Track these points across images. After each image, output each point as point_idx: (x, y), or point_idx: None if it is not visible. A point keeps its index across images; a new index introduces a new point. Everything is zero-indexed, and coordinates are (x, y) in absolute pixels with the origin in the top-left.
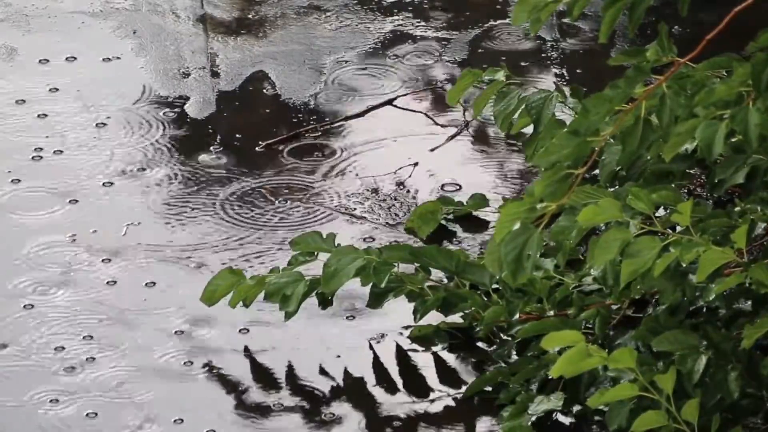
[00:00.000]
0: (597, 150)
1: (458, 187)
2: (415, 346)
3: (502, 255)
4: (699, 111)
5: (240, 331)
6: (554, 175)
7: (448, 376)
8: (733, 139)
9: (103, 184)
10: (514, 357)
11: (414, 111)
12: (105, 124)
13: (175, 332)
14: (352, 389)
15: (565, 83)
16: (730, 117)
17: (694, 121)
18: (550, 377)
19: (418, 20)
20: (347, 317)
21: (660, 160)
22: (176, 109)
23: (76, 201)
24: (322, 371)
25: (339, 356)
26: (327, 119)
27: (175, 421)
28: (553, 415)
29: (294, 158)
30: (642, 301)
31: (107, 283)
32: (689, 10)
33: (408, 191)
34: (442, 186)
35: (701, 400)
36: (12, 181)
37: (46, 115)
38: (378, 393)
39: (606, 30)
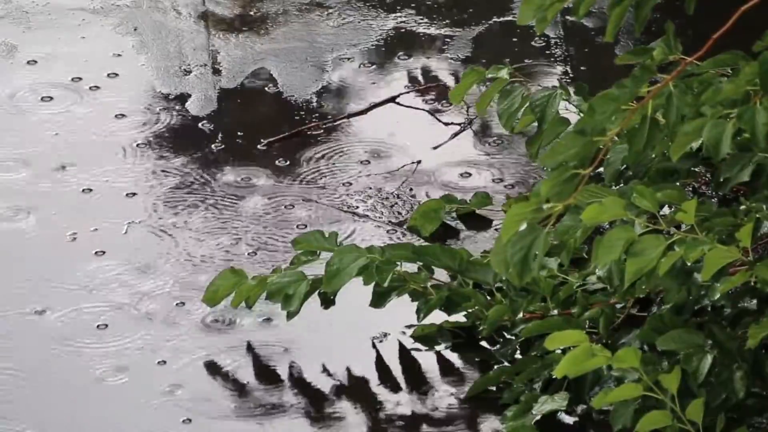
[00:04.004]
0: (604, 150)
1: (461, 186)
2: (418, 345)
3: (509, 256)
4: (706, 110)
5: (242, 330)
6: (560, 175)
7: (451, 375)
8: (738, 137)
9: (104, 182)
10: (518, 356)
11: (417, 109)
12: (106, 122)
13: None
14: (355, 388)
15: (569, 81)
16: (737, 116)
17: (700, 120)
18: (554, 377)
19: (421, 17)
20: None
21: (665, 158)
22: (177, 107)
23: (77, 200)
24: (325, 370)
25: (342, 356)
26: (329, 117)
27: (182, 421)
28: (557, 415)
29: (296, 156)
30: (646, 300)
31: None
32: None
33: (411, 189)
34: (445, 184)
35: (706, 399)
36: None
37: (45, 115)
38: (381, 392)
39: (612, 29)
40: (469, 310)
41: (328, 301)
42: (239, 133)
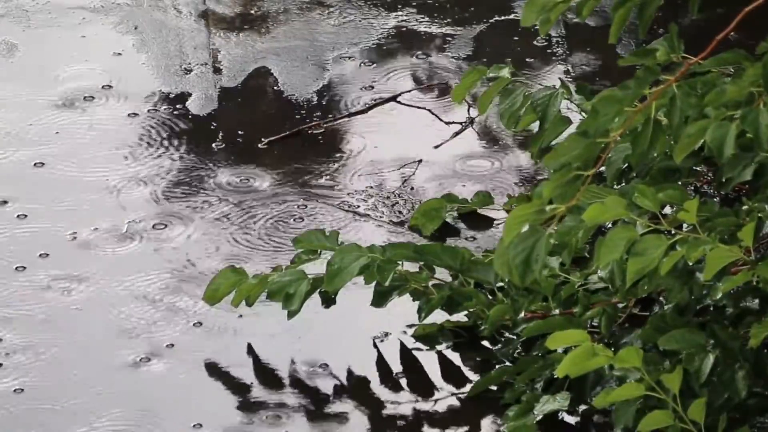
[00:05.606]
0: (607, 151)
1: (463, 185)
2: (419, 344)
3: (511, 258)
4: (709, 111)
5: (243, 329)
6: (563, 176)
7: (452, 375)
8: (740, 137)
9: (104, 181)
10: (519, 356)
11: (418, 107)
12: (106, 122)
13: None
14: (356, 388)
15: (570, 79)
16: (740, 117)
17: (704, 122)
18: (555, 376)
19: (422, 16)
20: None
21: (667, 157)
22: (178, 106)
23: (77, 199)
24: (326, 370)
25: (342, 356)
26: (330, 116)
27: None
28: (559, 414)
29: (296, 155)
30: (648, 300)
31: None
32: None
33: (412, 188)
34: (447, 183)
35: (708, 399)
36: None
37: (46, 114)
38: (382, 392)
39: (616, 31)
40: (471, 310)
41: (328, 301)
42: (240, 132)
